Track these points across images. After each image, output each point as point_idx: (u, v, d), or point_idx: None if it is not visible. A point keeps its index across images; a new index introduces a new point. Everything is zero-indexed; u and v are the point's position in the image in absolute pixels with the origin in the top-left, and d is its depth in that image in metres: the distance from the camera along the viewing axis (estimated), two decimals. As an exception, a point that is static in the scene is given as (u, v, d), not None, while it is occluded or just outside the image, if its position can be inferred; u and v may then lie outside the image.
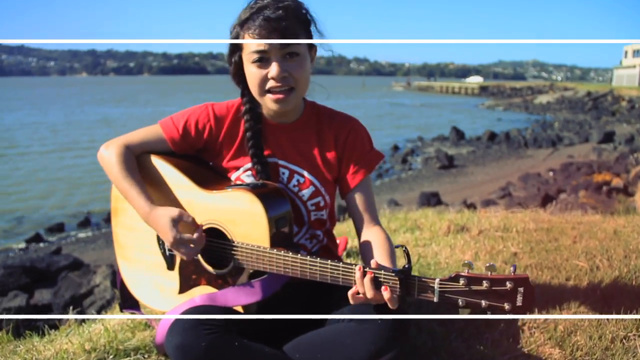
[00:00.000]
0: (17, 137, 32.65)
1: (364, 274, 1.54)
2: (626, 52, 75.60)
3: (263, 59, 1.74)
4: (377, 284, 1.53)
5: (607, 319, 2.22)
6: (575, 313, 2.30)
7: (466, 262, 1.47)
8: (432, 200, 14.01)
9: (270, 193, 1.79)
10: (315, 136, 1.95)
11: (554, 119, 42.92)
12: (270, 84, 1.76)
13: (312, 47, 1.85)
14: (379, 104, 64.70)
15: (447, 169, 20.75)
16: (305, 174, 1.91)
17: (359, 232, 1.94)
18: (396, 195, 15.77)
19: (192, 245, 1.77)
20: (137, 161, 1.94)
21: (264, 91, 1.78)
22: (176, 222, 1.77)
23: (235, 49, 1.83)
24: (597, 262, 2.92)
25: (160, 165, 1.93)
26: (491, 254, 3.11)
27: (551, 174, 17.22)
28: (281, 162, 1.92)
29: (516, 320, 2.24)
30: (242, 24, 1.76)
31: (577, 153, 22.26)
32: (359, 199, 1.93)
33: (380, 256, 1.73)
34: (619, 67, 77.76)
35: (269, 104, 1.81)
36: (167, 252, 1.95)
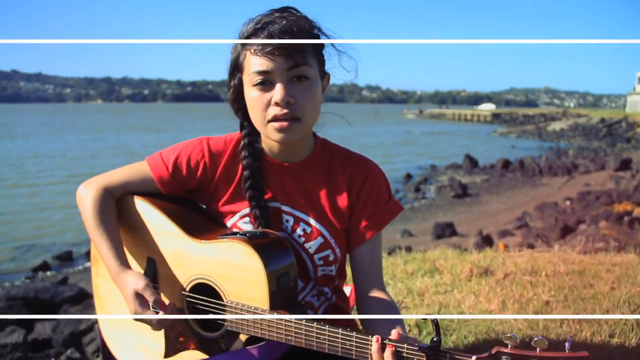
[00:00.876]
0: (32, 164, 32.64)
1: (383, 346, 1.26)
2: (639, 79, 75.35)
3: (266, 82, 1.48)
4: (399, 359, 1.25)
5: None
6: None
7: (509, 334, 1.18)
8: (447, 231, 13.69)
9: (270, 244, 1.52)
10: (325, 179, 1.67)
11: (568, 146, 42.74)
12: (274, 111, 1.48)
13: (324, 75, 1.60)
14: (391, 131, 64.57)
15: (461, 198, 20.39)
16: (313, 222, 1.63)
17: (360, 295, 1.66)
18: (410, 225, 15.45)
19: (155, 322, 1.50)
20: (119, 203, 1.68)
21: (266, 120, 1.51)
22: (139, 296, 1.49)
23: (235, 71, 1.59)
24: (643, 313, 2.59)
25: (145, 209, 1.66)
26: (520, 302, 2.80)
27: (568, 203, 16.80)
28: (284, 208, 1.65)
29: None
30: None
31: (593, 181, 21.82)
32: (366, 257, 1.66)
33: (388, 326, 1.39)
34: (632, 93, 77.46)
35: (271, 134, 1.53)
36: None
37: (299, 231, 1.63)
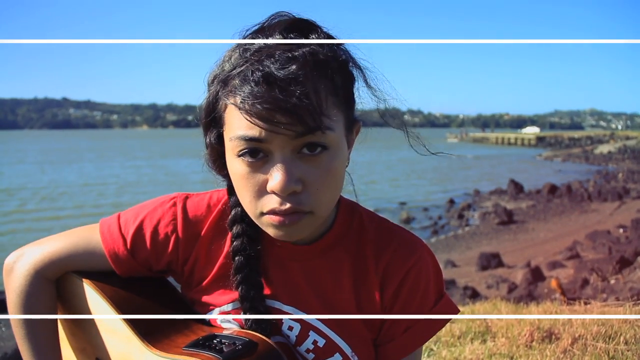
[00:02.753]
0: (80, 193, 33.03)
1: None
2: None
3: (258, 153, 0.96)
4: None
5: None
6: None
7: None
8: (492, 262, 13.07)
9: None
10: (349, 268, 1.14)
11: (617, 169, 41.40)
12: (271, 202, 0.97)
13: (353, 125, 1.07)
14: (433, 156, 63.89)
15: (507, 225, 19.65)
16: (328, 332, 1.11)
17: None
18: (453, 255, 14.90)
19: None
20: (62, 283, 1.22)
21: (258, 212, 1.00)
22: None
23: (213, 122, 1.05)
24: None
25: (92, 298, 1.18)
26: (597, 380, 2.27)
27: (622, 231, 15.93)
28: (287, 309, 1.13)
29: None
30: (226, 81, 0.97)
31: (648, 207, 20.83)
32: None
33: None
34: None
35: (267, 229, 1.02)
36: None
37: (307, 344, 1.12)
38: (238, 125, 0.94)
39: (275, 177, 0.94)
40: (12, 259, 1.21)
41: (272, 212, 0.97)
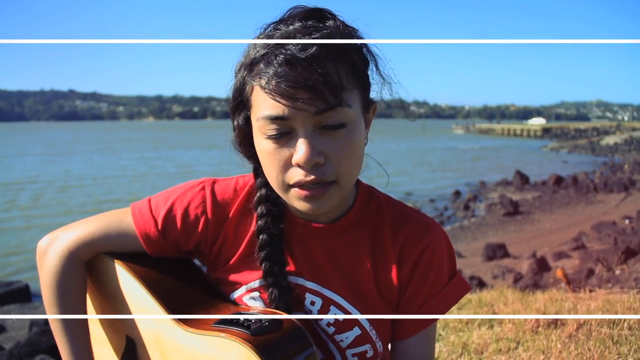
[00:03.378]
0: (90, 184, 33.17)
1: None
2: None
3: (283, 132, 1.05)
4: None
5: None
6: None
7: None
8: (498, 252, 13.11)
9: (283, 341, 1.08)
10: (369, 247, 1.23)
11: (623, 160, 41.32)
12: (296, 174, 1.06)
13: (369, 105, 1.16)
14: (439, 147, 63.70)
15: (512, 216, 19.66)
16: (347, 306, 1.20)
17: None
18: (459, 246, 14.92)
19: None
20: (93, 265, 1.30)
21: (285, 185, 1.09)
22: None
23: (240, 106, 1.14)
24: None
25: (123, 277, 1.26)
26: (602, 365, 2.34)
27: (627, 222, 15.93)
28: (310, 285, 1.22)
29: None
30: (251, 66, 1.06)
31: (653, 198, 20.83)
32: (414, 355, 1.24)
33: None
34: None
35: (294, 202, 1.11)
36: None
37: (328, 318, 1.21)
38: (264, 105, 1.03)
39: (300, 151, 1.02)
40: (46, 242, 1.28)
41: (298, 184, 1.06)
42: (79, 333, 1.26)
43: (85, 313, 1.29)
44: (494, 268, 11.73)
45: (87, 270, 1.30)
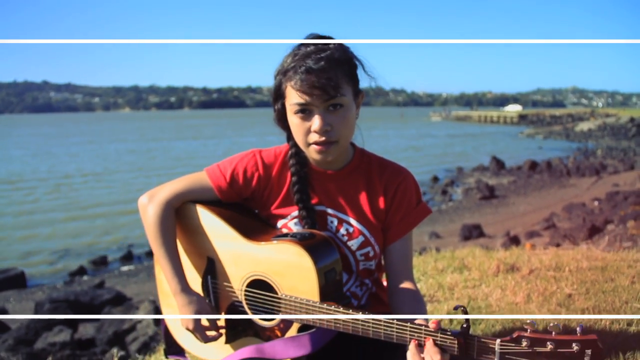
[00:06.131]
0: (69, 169, 33.32)
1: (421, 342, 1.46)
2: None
3: (306, 111, 1.70)
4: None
5: None
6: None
7: (529, 321, 1.38)
8: (474, 232, 13.79)
9: (318, 244, 1.72)
10: (364, 184, 1.89)
11: (596, 146, 42.32)
12: (314, 137, 1.71)
13: (358, 94, 1.80)
14: (417, 134, 64.48)
15: (488, 200, 20.43)
16: (354, 223, 1.85)
17: (392, 287, 1.86)
18: (437, 228, 15.57)
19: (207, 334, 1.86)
20: (180, 209, 1.91)
21: (307, 143, 1.74)
22: (197, 321, 1.83)
23: (279, 97, 1.80)
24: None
25: (204, 215, 1.88)
26: (544, 295, 2.99)
27: (596, 203, 16.72)
28: (329, 211, 1.87)
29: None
30: (285, 72, 1.72)
31: (622, 181, 21.66)
32: (398, 253, 1.88)
33: (417, 313, 1.71)
34: (663, 92, 76.07)
35: (312, 154, 1.77)
36: (214, 302, 1.91)
37: (342, 231, 1.84)
38: (294, 96, 1.69)
39: (316, 123, 1.69)
40: (146, 197, 1.90)
41: (315, 143, 1.72)
42: (175, 258, 1.86)
43: (177, 246, 1.90)
44: (469, 246, 12.38)
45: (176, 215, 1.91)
